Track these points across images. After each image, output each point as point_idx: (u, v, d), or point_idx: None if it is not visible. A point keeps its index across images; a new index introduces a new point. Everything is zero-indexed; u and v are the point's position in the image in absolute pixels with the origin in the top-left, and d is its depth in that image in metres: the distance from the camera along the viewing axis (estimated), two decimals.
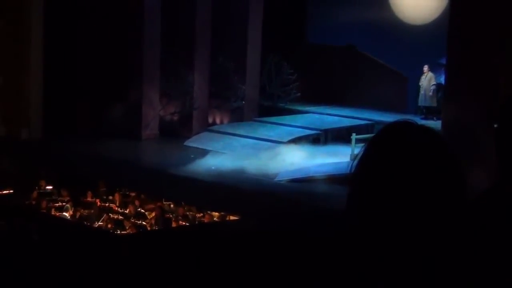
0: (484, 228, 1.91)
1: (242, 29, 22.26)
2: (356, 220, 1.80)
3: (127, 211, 16.91)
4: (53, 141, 20.17)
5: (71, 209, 17.00)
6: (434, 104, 21.12)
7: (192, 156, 18.35)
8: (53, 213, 16.84)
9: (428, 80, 21.22)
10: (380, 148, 1.82)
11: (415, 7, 22.20)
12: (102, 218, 16.58)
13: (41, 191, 17.87)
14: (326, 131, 20.59)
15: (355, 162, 1.84)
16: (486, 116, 14.51)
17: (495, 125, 2.21)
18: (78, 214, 16.98)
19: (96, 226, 16.35)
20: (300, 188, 16.43)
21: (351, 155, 18.17)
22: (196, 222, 16.03)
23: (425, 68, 21.24)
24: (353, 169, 1.84)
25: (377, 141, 1.84)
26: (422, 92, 21.32)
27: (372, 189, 1.79)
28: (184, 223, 15.99)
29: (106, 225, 16.45)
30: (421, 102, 21.43)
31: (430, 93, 21.11)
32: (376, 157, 1.81)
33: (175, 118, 22.18)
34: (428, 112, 21.16)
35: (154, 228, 15.82)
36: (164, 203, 17.36)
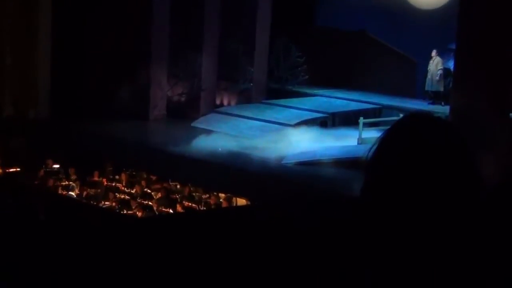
0: (501, 222, 1.90)
1: (251, 12, 22.20)
2: (371, 206, 1.79)
3: (133, 191, 16.95)
4: (60, 121, 20.20)
5: (77, 188, 17.06)
6: (441, 89, 21.05)
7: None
8: (59, 192, 16.89)
9: (435, 64, 21.14)
10: (399, 138, 1.81)
11: None
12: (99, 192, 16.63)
13: (48, 170, 17.92)
14: (333, 115, 20.57)
15: (372, 150, 1.83)
16: (495, 103, 14.47)
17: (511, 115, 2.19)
18: (84, 193, 17.03)
19: (103, 205, 16.41)
20: (307, 171, 16.43)
21: (358, 138, 18.16)
22: (203, 203, 16.07)
23: (433, 52, 21.15)
24: (370, 156, 1.83)
25: (396, 130, 1.83)
26: (429, 76, 21.26)
27: (388, 177, 1.78)
28: (189, 204, 16.03)
29: (112, 204, 16.51)
30: (428, 86, 21.36)
31: (437, 78, 21.05)
32: (394, 147, 1.80)
33: (183, 99, 22.18)
34: (436, 97, 21.10)
35: (161, 209, 15.86)
36: (171, 183, 17.40)
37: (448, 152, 1.77)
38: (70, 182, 17.23)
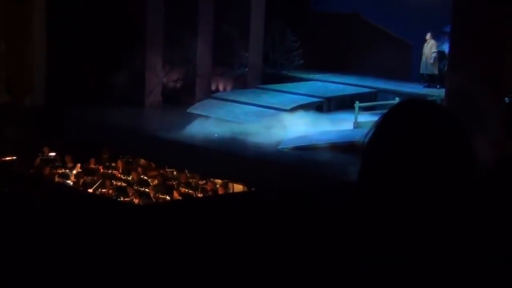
0: (499, 204, 1.91)
1: None
2: (368, 191, 1.80)
3: (130, 178, 16.95)
4: (56, 108, 20.16)
5: (73, 175, 17.05)
6: (436, 72, 21.06)
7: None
8: (56, 179, 16.89)
9: (429, 47, 21.15)
10: (395, 124, 1.82)
11: None
12: (98, 183, 16.63)
13: (44, 157, 17.89)
14: (329, 99, 20.56)
15: (369, 135, 1.84)
16: (491, 86, 14.47)
17: (507, 100, 2.19)
18: (81, 181, 17.03)
19: (99, 192, 16.41)
20: (303, 156, 16.43)
21: (354, 123, 18.16)
22: (199, 189, 16.08)
23: (428, 35, 21.15)
24: (366, 141, 1.84)
25: (392, 116, 1.83)
26: (423, 59, 21.28)
27: (385, 162, 1.79)
28: (186, 190, 16.03)
29: (109, 192, 16.51)
30: (423, 69, 21.39)
31: (431, 60, 21.06)
32: (390, 133, 1.81)
33: (178, 85, 22.14)
34: (431, 80, 21.11)
35: (158, 195, 15.86)
36: (167, 170, 17.40)
37: (444, 137, 1.78)
38: (67, 170, 17.22)
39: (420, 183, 1.75)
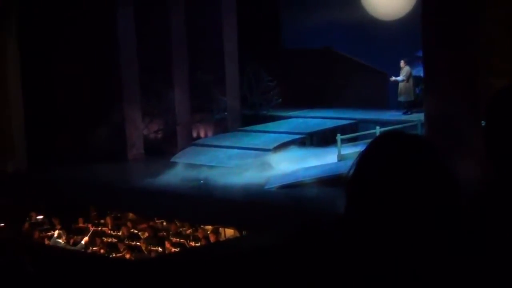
0: (483, 230, 1.94)
1: (218, 41, 22.30)
2: (356, 223, 1.83)
3: (120, 234, 16.86)
4: (39, 170, 20.09)
5: (63, 236, 16.92)
6: (411, 98, 21.17)
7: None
8: (46, 242, 16.77)
9: (404, 74, 21.29)
10: (374, 159, 1.86)
11: (386, 3, 22.27)
12: (86, 238, 16.52)
13: (32, 222, 17.79)
14: (311, 134, 20.63)
15: (352, 169, 1.88)
16: (467, 105, 14.57)
17: (483, 123, 2.22)
18: (71, 241, 16.93)
19: (90, 251, 16.31)
20: (290, 194, 16.43)
21: (338, 155, 18.21)
22: (191, 237, 16.02)
23: (402, 63, 21.31)
24: (350, 176, 1.87)
25: (371, 151, 1.87)
26: (400, 87, 21.40)
27: (369, 195, 1.82)
28: (178, 240, 15.97)
29: (100, 250, 16.40)
30: (400, 97, 21.52)
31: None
32: (371, 167, 1.85)
33: (159, 135, 22.17)
34: (409, 106, 21.19)
35: (150, 248, 15.78)
36: (156, 221, 17.34)
37: (424, 168, 1.82)
38: (55, 232, 17.10)
39: (405, 214, 1.79)
